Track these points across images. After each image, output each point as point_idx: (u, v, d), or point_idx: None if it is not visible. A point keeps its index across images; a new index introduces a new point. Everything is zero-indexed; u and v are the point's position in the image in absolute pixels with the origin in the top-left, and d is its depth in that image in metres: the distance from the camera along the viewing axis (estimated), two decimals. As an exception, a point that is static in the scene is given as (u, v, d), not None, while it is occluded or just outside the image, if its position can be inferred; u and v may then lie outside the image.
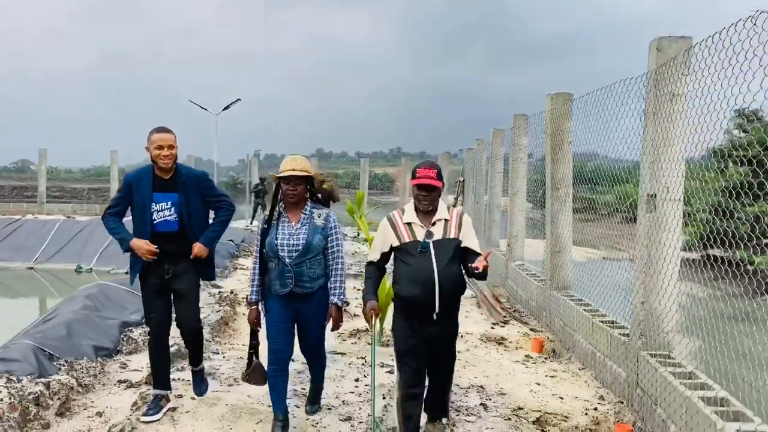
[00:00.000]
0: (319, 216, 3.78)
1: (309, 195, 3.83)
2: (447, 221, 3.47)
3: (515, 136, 9.39)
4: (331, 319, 3.78)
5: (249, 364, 3.94)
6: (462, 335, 6.23)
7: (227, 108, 28.49)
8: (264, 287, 3.82)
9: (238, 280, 10.05)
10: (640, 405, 4.20)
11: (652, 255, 4.20)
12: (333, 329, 3.86)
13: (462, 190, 14.27)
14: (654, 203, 4.21)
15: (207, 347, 5.76)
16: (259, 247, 3.80)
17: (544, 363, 5.76)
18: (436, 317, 3.40)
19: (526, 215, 9.26)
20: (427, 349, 3.50)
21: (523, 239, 9.24)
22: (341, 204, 18.06)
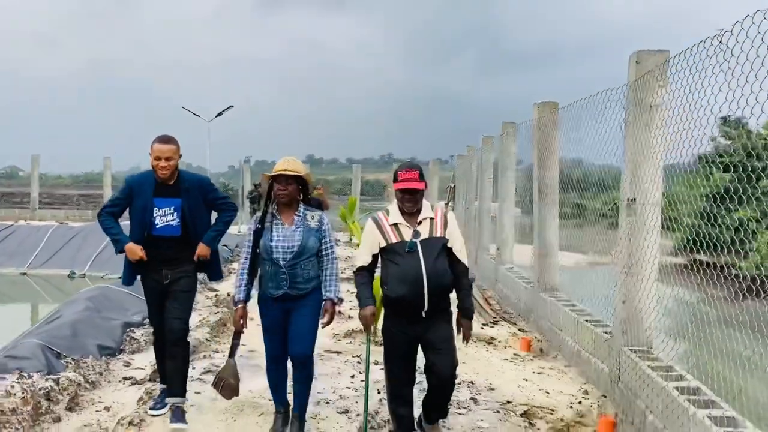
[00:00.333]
0: (312, 218, 3.84)
1: (302, 197, 3.87)
2: (432, 219, 3.52)
3: (504, 143, 9.67)
4: (326, 314, 3.79)
5: (226, 365, 3.91)
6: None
7: (220, 114, 28.64)
8: (252, 287, 3.84)
9: (233, 283, 10.22)
10: (621, 398, 4.43)
11: (632, 256, 4.44)
12: (326, 324, 3.85)
13: (453, 195, 14.55)
14: (634, 207, 4.45)
15: (207, 346, 5.94)
16: (251, 247, 3.81)
17: (531, 361, 6.00)
18: (425, 315, 3.43)
19: (515, 221, 9.52)
20: (415, 350, 3.51)
21: (513, 243, 9.49)
22: (334, 210, 18.28)
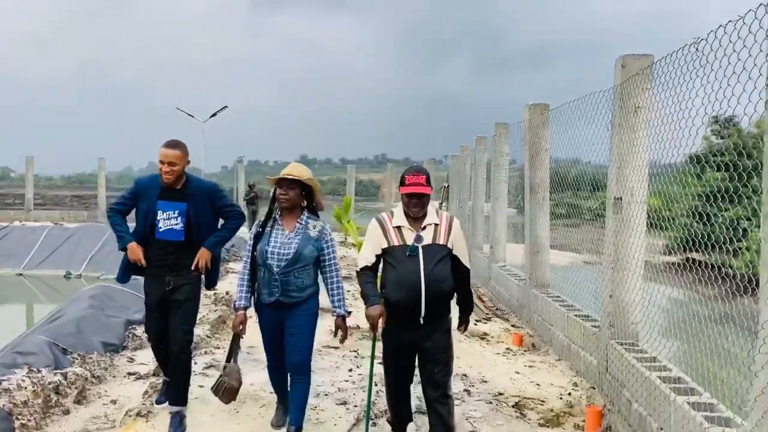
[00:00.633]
0: (314, 227, 3.77)
1: (306, 205, 3.82)
2: (437, 225, 3.45)
3: (497, 143, 9.86)
4: (340, 331, 3.76)
5: (224, 368, 3.86)
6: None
7: (214, 115, 28.77)
8: (252, 294, 3.78)
9: (230, 282, 10.34)
10: (609, 389, 4.62)
11: (619, 252, 4.62)
12: (342, 341, 3.81)
13: (447, 195, 14.77)
14: (620, 205, 4.64)
15: (208, 342, 6.09)
16: (251, 251, 3.77)
17: (523, 355, 6.19)
18: (422, 321, 3.37)
19: (508, 220, 9.71)
20: (413, 354, 3.48)
21: (505, 242, 9.68)
22: (328, 209, 18.41)
